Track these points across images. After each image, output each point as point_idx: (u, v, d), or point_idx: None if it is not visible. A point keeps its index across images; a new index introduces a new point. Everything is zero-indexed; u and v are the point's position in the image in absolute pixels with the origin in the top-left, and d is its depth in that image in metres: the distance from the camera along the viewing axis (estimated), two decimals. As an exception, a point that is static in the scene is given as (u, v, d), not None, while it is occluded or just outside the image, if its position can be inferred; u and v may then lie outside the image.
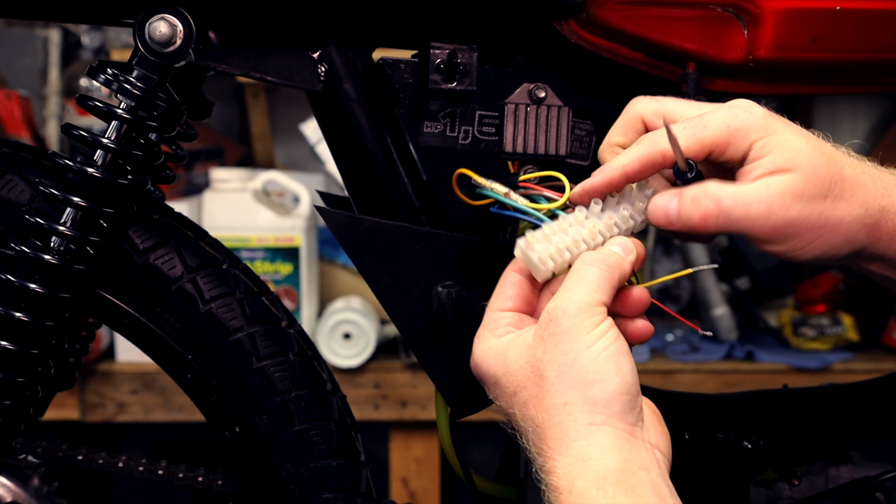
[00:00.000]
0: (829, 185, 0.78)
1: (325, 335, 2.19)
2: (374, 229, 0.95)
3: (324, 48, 0.95)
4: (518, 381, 0.79)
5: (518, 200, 0.88)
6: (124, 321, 1.01)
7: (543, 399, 0.77)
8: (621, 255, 0.81)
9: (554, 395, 0.76)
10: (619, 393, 0.76)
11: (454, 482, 2.51)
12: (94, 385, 2.18)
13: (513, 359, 0.79)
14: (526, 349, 0.79)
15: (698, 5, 0.89)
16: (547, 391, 0.76)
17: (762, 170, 0.78)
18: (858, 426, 1.11)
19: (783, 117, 0.81)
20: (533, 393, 0.77)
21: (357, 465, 1.04)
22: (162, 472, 1.18)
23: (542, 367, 0.77)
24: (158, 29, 0.90)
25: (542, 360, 0.77)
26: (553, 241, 0.82)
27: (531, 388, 0.78)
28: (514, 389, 0.79)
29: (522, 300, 0.84)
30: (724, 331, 2.39)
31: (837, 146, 0.82)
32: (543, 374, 0.77)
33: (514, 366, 0.79)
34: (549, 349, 0.77)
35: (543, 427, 0.76)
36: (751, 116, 0.79)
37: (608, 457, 0.74)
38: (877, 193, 0.80)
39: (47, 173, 0.97)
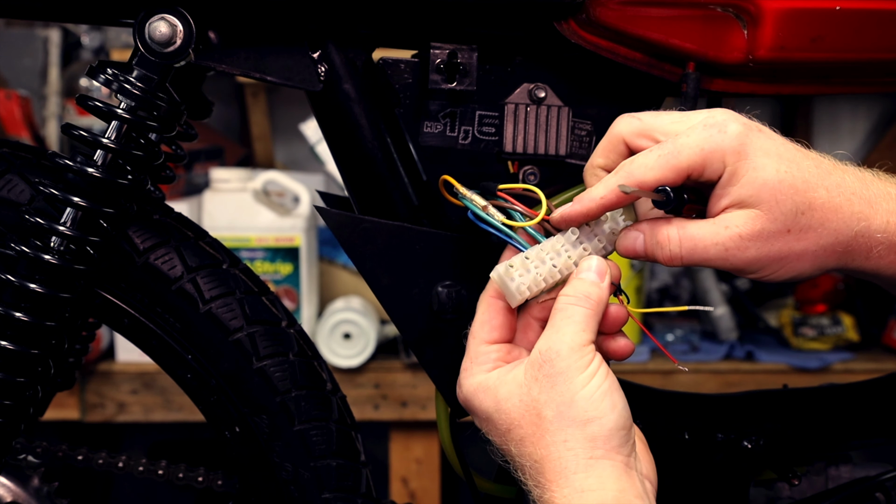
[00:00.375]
0: (793, 219, 0.78)
1: (325, 335, 2.19)
2: (373, 229, 0.95)
3: (324, 48, 0.95)
4: (512, 418, 0.81)
5: (495, 216, 0.88)
6: (124, 321, 1.01)
7: (542, 437, 0.79)
8: (599, 285, 0.82)
9: (553, 433, 0.79)
10: (617, 428, 0.79)
11: (454, 482, 2.51)
12: (94, 385, 2.18)
13: (504, 396, 0.82)
14: (518, 388, 0.81)
15: (698, 5, 0.89)
16: (546, 430, 0.79)
17: (727, 200, 0.79)
18: (858, 426, 1.11)
19: (765, 128, 0.80)
20: (530, 431, 0.80)
21: (357, 465, 1.04)
22: (162, 472, 1.18)
23: (538, 407, 0.79)
24: (158, 29, 0.90)
25: (538, 399, 0.80)
26: (531, 272, 0.84)
27: (527, 426, 0.80)
28: (508, 427, 0.81)
29: (506, 328, 0.86)
30: (724, 331, 2.39)
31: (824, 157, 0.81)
32: (541, 413, 0.79)
33: (506, 404, 0.81)
34: (546, 390, 0.79)
35: (542, 462, 0.79)
36: (725, 138, 0.78)
37: (606, 487, 0.77)
38: (852, 218, 0.79)
39: (47, 173, 0.97)
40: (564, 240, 0.85)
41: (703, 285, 2.41)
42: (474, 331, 0.86)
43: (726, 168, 0.78)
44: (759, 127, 0.80)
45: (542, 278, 0.84)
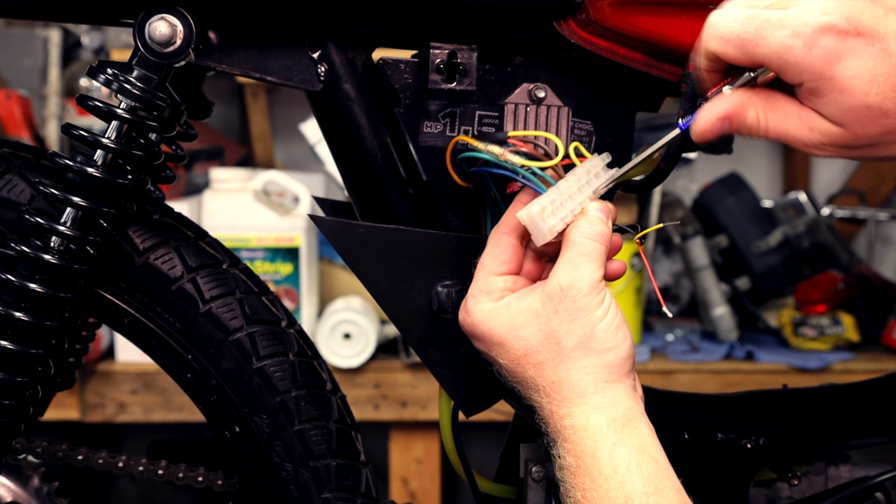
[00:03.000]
0: (879, 138, 0.75)
1: (325, 335, 2.19)
2: (368, 234, 0.94)
3: (324, 48, 0.95)
4: (530, 345, 0.87)
5: (513, 160, 0.90)
6: (124, 321, 1.01)
7: (562, 362, 0.86)
8: (607, 224, 0.89)
9: (574, 360, 0.86)
10: (628, 357, 0.88)
11: (454, 482, 2.51)
12: (94, 385, 2.18)
13: (521, 323, 0.87)
14: (536, 317, 0.87)
15: (697, 5, 0.89)
16: (567, 356, 0.86)
17: (811, 105, 0.77)
18: (858, 426, 1.11)
19: (870, 31, 0.73)
20: (549, 357, 0.87)
21: (357, 464, 1.04)
22: (162, 472, 1.18)
23: (559, 337, 0.86)
24: (158, 29, 0.90)
25: (558, 330, 0.86)
26: (557, 213, 0.88)
27: (546, 352, 0.87)
28: (525, 351, 0.87)
29: (515, 262, 0.91)
30: (724, 331, 2.38)
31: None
32: (561, 342, 0.86)
33: (524, 331, 0.87)
34: (566, 322, 0.86)
35: (561, 383, 0.86)
36: (807, 56, 0.74)
37: (619, 405, 0.86)
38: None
39: (47, 173, 0.97)
40: (575, 182, 0.89)
41: (704, 285, 2.41)
42: (484, 262, 0.91)
43: (804, 84, 0.76)
44: (858, 30, 0.73)
45: (564, 219, 0.88)
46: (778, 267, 2.48)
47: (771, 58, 0.76)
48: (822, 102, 0.76)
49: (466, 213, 0.97)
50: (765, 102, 0.80)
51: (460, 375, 0.97)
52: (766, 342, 2.43)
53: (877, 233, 2.80)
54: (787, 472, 1.06)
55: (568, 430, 0.86)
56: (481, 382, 0.97)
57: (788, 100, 0.79)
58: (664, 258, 2.59)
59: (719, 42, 0.78)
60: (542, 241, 0.88)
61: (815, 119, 0.77)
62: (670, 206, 2.48)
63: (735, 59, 0.78)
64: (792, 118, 0.78)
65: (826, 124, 0.77)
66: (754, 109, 0.80)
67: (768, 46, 0.75)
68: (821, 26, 0.74)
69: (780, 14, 0.75)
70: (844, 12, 0.74)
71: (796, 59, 0.74)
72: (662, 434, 1.05)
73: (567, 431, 0.86)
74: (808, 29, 0.74)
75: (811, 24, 0.74)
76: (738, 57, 0.78)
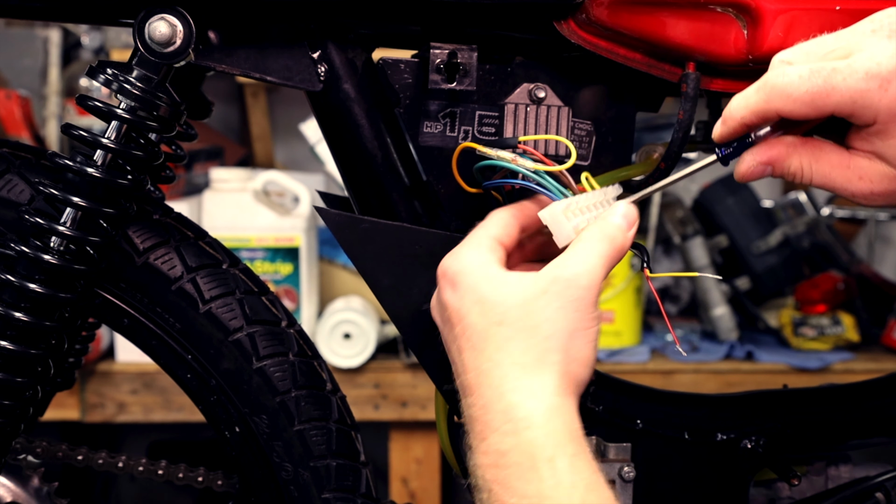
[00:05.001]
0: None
1: (325, 335, 2.19)
2: (373, 229, 0.95)
3: (324, 48, 0.95)
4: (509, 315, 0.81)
5: (526, 165, 0.88)
6: (124, 321, 1.01)
7: (530, 349, 0.80)
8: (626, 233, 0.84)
9: (542, 351, 0.80)
10: (586, 380, 0.82)
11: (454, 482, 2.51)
12: (94, 385, 2.18)
13: (507, 293, 0.82)
14: (522, 291, 0.81)
15: (698, 5, 0.89)
16: (535, 344, 0.80)
17: (867, 146, 0.77)
18: (858, 426, 1.11)
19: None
20: (519, 335, 0.80)
21: (357, 465, 1.04)
22: (162, 472, 1.18)
23: (538, 321, 0.80)
24: (158, 29, 0.90)
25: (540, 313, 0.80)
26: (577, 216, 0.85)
27: (519, 330, 0.81)
28: (501, 319, 0.81)
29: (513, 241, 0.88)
30: (724, 331, 2.38)
31: None
32: (538, 326, 0.80)
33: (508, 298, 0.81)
34: (553, 308, 0.80)
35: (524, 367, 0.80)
36: (884, 98, 0.74)
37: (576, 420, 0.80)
38: None
39: (47, 173, 0.97)
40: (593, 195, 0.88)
41: (704, 285, 2.41)
42: (486, 225, 0.87)
43: (876, 124, 0.76)
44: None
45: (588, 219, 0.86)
46: (778, 267, 2.48)
47: (844, 104, 0.75)
48: (886, 145, 0.76)
49: (466, 213, 0.97)
50: (810, 153, 0.80)
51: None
52: (766, 342, 2.43)
53: (877, 233, 2.80)
54: (787, 473, 1.06)
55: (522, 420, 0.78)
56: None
57: (835, 149, 0.79)
58: (664, 258, 2.59)
59: (788, 102, 0.77)
60: (564, 242, 0.84)
61: (868, 167, 0.78)
62: (670, 206, 2.48)
63: (802, 115, 0.78)
64: (839, 169, 0.79)
65: (881, 168, 0.77)
66: (798, 159, 0.80)
67: (841, 94, 0.75)
68: (889, 67, 0.75)
69: (846, 61, 0.76)
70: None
71: (872, 100, 0.75)
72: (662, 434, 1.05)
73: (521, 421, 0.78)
74: (884, 69, 0.74)
75: (885, 66, 0.74)
76: (807, 112, 0.77)
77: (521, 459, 0.77)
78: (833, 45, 0.78)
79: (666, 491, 1.06)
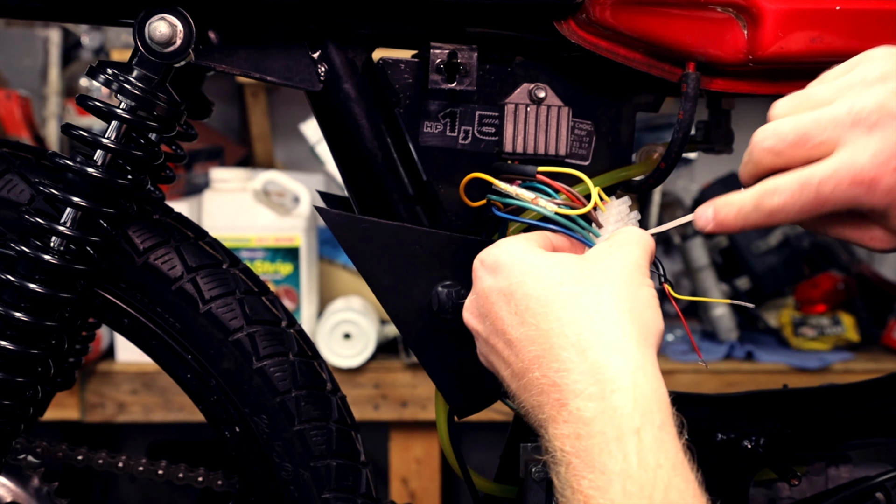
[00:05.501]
0: None
1: (325, 335, 2.19)
2: (373, 229, 0.95)
3: (324, 48, 0.95)
4: (567, 276, 0.77)
5: (547, 207, 0.86)
6: (124, 321, 1.01)
7: (601, 301, 0.76)
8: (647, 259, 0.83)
9: (615, 300, 0.76)
10: (661, 330, 0.79)
11: (454, 482, 2.51)
12: (94, 385, 2.18)
13: (561, 259, 0.79)
14: (576, 258, 0.79)
15: (698, 5, 0.89)
16: (605, 295, 0.76)
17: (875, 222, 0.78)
18: (858, 426, 1.11)
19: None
20: (586, 290, 0.76)
21: (357, 465, 1.04)
22: (162, 472, 1.18)
23: (602, 276, 0.77)
24: (158, 29, 0.90)
25: (602, 272, 0.77)
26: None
27: (585, 286, 0.76)
28: (561, 280, 0.77)
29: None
30: (724, 331, 2.39)
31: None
32: (605, 281, 0.77)
33: (564, 263, 0.78)
34: (616, 268, 0.77)
35: (593, 321, 0.75)
36: (874, 197, 0.74)
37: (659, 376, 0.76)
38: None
39: (47, 173, 0.97)
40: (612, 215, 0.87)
41: (704, 285, 2.41)
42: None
43: (872, 212, 0.75)
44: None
45: None
46: (778, 267, 2.48)
47: (839, 207, 0.75)
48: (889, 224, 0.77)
49: (466, 213, 0.97)
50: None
51: (455, 376, 0.97)
52: (766, 342, 2.43)
53: (877, 233, 2.79)
54: (787, 473, 1.06)
55: (609, 382, 0.72)
56: (476, 384, 0.97)
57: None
58: (664, 258, 2.59)
59: (788, 217, 0.77)
60: None
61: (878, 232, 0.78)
62: (670, 206, 2.48)
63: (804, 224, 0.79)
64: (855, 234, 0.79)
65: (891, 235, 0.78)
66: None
67: (834, 203, 0.75)
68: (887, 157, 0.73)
69: (831, 168, 0.74)
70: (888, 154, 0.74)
71: (863, 202, 0.74)
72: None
73: (608, 383, 0.72)
74: (867, 175, 0.73)
75: (867, 171, 0.73)
76: (806, 222, 0.78)
77: (606, 428, 0.71)
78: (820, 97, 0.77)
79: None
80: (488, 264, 0.81)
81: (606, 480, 0.70)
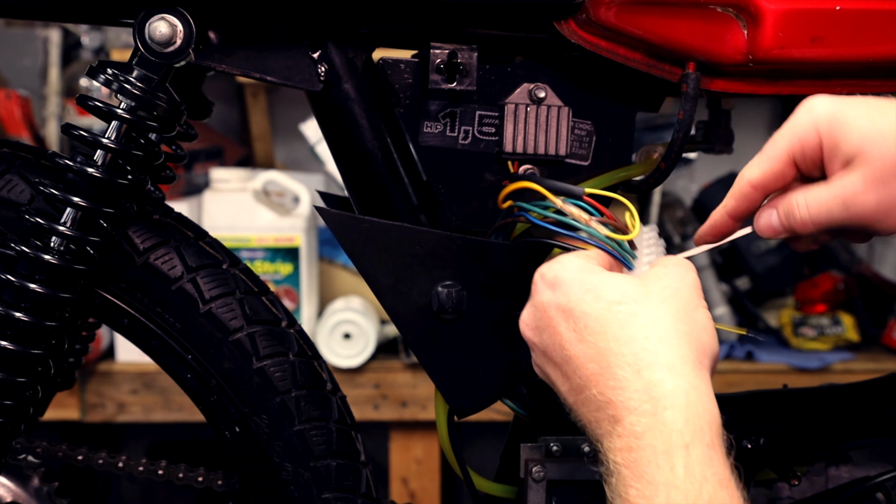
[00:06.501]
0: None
1: (325, 335, 2.19)
2: (373, 229, 0.95)
3: (324, 48, 0.95)
4: (626, 295, 0.79)
5: (599, 230, 0.86)
6: (124, 321, 1.01)
7: (659, 321, 0.78)
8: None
9: (672, 321, 0.79)
10: (716, 351, 0.81)
11: (454, 482, 2.51)
12: (94, 385, 2.18)
13: (620, 278, 0.81)
14: (634, 279, 0.82)
15: (698, 5, 0.89)
16: (663, 316, 0.79)
17: (837, 165, 0.81)
18: (858, 426, 1.11)
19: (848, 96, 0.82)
20: (644, 310, 0.79)
21: (357, 465, 1.04)
22: (162, 472, 1.18)
23: (660, 297, 0.80)
24: (158, 29, 0.90)
25: (660, 292, 0.80)
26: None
27: (643, 305, 0.79)
28: (619, 299, 0.79)
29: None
30: (724, 331, 2.38)
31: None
32: (662, 301, 0.80)
33: (622, 282, 0.80)
34: (672, 288, 0.81)
35: (650, 341, 0.77)
36: (811, 113, 0.81)
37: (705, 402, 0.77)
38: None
39: (47, 173, 0.97)
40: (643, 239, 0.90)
41: (704, 285, 2.40)
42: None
43: (822, 139, 0.80)
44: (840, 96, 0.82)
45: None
46: (778, 267, 2.47)
47: (790, 140, 0.83)
48: (841, 149, 0.80)
49: (466, 213, 0.97)
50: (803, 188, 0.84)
51: (455, 377, 0.97)
52: (766, 342, 2.43)
53: (877, 233, 2.79)
54: (787, 473, 1.06)
55: (662, 400, 0.74)
56: (476, 385, 0.97)
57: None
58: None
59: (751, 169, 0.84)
60: None
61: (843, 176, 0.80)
62: (670, 206, 2.48)
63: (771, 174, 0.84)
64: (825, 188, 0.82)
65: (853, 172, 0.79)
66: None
67: (782, 135, 0.83)
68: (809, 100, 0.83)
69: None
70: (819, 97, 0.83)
71: (806, 120, 0.82)
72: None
73: (661, 400, 0.74)
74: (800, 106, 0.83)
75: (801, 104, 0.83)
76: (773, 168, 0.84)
77: (656, 442, 0.73)
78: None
79: (666, 491, 1.06)
80: (548, 279, 0.82)
81: (653, 490, 0.72)
